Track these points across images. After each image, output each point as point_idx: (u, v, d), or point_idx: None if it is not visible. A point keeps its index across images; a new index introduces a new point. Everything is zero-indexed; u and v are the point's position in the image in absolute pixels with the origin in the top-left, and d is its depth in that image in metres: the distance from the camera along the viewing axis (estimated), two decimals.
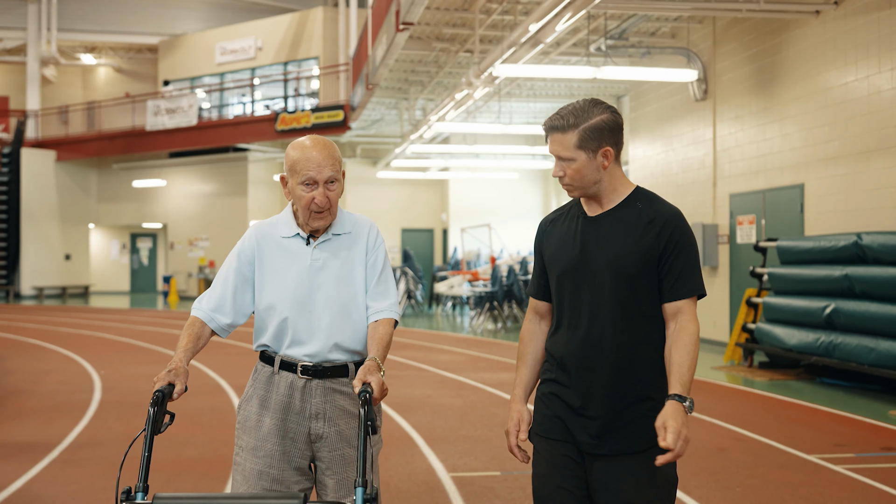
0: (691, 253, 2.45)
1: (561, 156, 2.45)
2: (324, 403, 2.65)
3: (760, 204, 11.72)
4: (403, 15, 11.83)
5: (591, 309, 2.45)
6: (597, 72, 11.55)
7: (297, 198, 2.64)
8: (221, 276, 2.74)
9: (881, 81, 9.38)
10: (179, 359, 2.50)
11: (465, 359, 11.23)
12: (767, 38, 11.50)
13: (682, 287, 2.43)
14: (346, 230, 2.75)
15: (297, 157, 2.61)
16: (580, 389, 2.45)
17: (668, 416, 2.32)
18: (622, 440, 2.41)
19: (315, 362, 2.65)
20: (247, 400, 2.72)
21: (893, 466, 5.63)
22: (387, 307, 2.72)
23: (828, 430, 6.82)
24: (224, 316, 2.69)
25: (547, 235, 2.62)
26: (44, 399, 8.16)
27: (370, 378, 2.42)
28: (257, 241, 2.74)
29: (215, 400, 8.04)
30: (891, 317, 7.92)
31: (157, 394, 2.34)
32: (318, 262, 2.69)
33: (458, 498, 4.85)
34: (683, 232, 2.46)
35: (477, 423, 6.98)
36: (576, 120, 2.41)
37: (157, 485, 5.07)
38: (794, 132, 10.99)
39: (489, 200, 24.34)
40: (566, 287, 2.51)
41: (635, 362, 2.43)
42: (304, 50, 26.41)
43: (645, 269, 2.42)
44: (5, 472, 5.36)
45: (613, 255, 2.43)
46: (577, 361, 2.46)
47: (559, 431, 2.50)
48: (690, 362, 2.38)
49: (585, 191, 2.49)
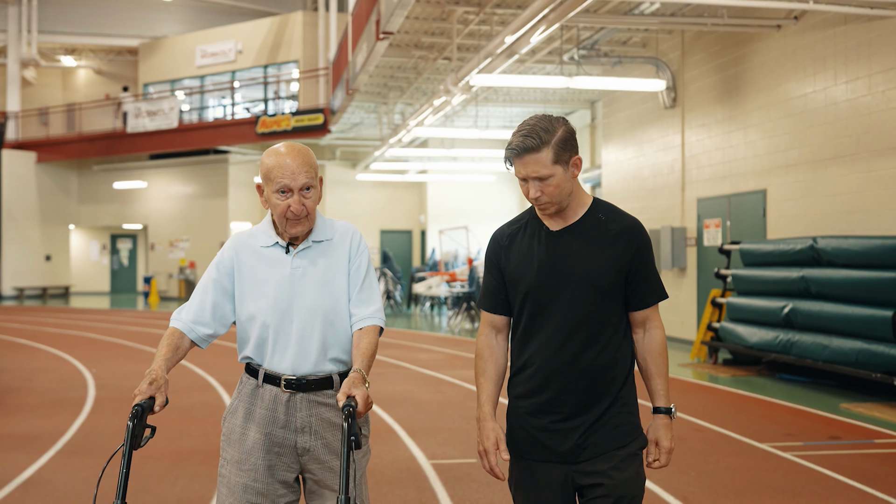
0: (653, 261, 2.58)
1: (539, 175, 2.44)
2: (309, 417, 2.62)
3: (726, 208, 12.26)
4: (384, 24, 12.26)
5: (565, 323, 2.48)
6: (570, 81, 12.04)
7: (272, 206, 2.62)
8: (201, 287, 2.71)
9: (837, 93, 9.92)
10: (159, 367, 2.48)
11: (443, 357, 11.67)
12: (732, 49, 12.04)
13: (651, 295, 2.55)
14: (326, 237, 2.72)
15: (272, 164, 2.59)
16: (559, 402, 2.50)
17: (661, 432, 2.55)
18: (602, 442, 2.48)
19: (299, 375, 2.62)
20: (232, 412, 2.69)
21: (837, 454, 6.13)
22: (371, 314, 2.69)
23: (781, 421, 7.32)
24: (204, 327, 2.66)
25: (505, 251, 2.61)
26: (41, 395, 8.53)
27: (354, 391, 2.40)
28: (236, 252, 2.71)
29: (205, 396, 8.44)
30: (843, 316, 8.44)
31: (137, 408, 2.31)
32: (299, 271, 2.66)
33: (437, 482, 5.30)
34: (646, 242, 2.55)
35: (455, 416, 7.43)
36: (547, 136, 2.42)
37: (160, 472, 5.48)
38: (757, 140, 11.53)
39: (466, 202, 24.82)
40: (535, 303, 2.52)
41: (608, 370, 2.50)
42: (284, 53, 26.75)
43: (614, 282, 2.49)
44: (16, 462, 5.75)
45: (586, 268, 2.48)
46: (553, 375, 2.49)
47: (541, 452, 2.53)
48: (666, 370, 2.57)
49: (562, 206, 2.50)
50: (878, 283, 7.99)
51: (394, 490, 5.11)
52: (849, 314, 8.33)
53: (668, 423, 2.55)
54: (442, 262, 22.42)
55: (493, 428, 2.54)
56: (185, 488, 5.16)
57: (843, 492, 5.12)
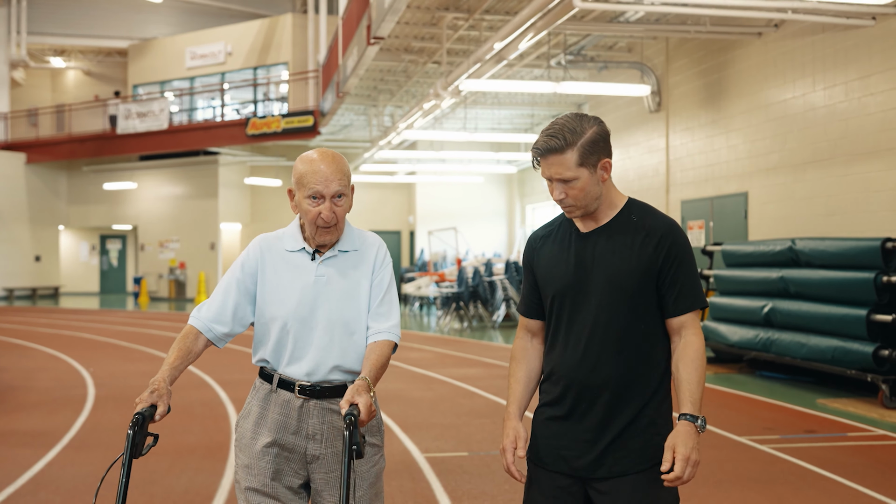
0: (690, 265, 2.41)
1: (563, 177, 2.35)
2: (321, 424, 2.61)
3: (709, 210, 12.57)
4: (375, 30, 12.51)
5: (589, 329, 2.39)
6: (557, 86, 12.33)
7: (303, 212, 2.60)
8: (223, 286, 2.70)
9: (815, 99, 10.24)
10: (163, 377, 2.45)
11: (434, 356, 11.93)
12: (716, 55, 12.35)
13: (685, 301, 2.39)
14: (353, 247, 2.70)
15: (305, 170, 2.57)
16: (579, 412, 2.40)
17: (679, 439, 2.28)
18: (622, 461, 2.36)
19: (313, 381, 2.61)
20: (244, 416, 2.70)
21: (812, 446, 6.43)
22: (387, 329, 2.66)
23: (760, 416, 7.62)
24: (222, 326, 2.65)
25: (538, 253, 2.55)
26: (42, 394, 8.74)
27: (358, 399, 2.38)
28: (261, 253, 2.70)
29: (203, 394, 8.67)
30: (820, 315, 8.75)
31: (138, 416, 2.30)
32: (323, 279, 2.64)
33: (431, 474, 5.56)
34: (681, 244, 2.40)
35: (446, 412, 7.70)
36: (573, 138, 2.32)
37: (165, 466, 5.72)
38: (739, 144, 11.84)
39: (455, 203, 25.10)
40: (562, 307, 2.45)
41: (634, 382, 2.37)
42: (274, 55, 26.96)
43: (643, 286, 2.37)
44: (24, 457, 5.97)
45: (610, 272, 2.38)
46: (575, 384, 2.40)
47: (556, 462, 2.44)
48: (699, 378, 2.34)
49: (588, 209, 2.41)
50: (853, 283, 8.30)
51: (390, 481, 5.36)
52: (825, 313, 8.64)
53: (689, 431, 2.28)
54: (431, 262, 22.68)
55: (514, 427, 2.48)
56: (191, 480, 5.41)
57: (815, 482, 5.41)
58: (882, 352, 7.89)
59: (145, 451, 2.31)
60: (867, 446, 6.45)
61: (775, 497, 5.02)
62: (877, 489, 5.19)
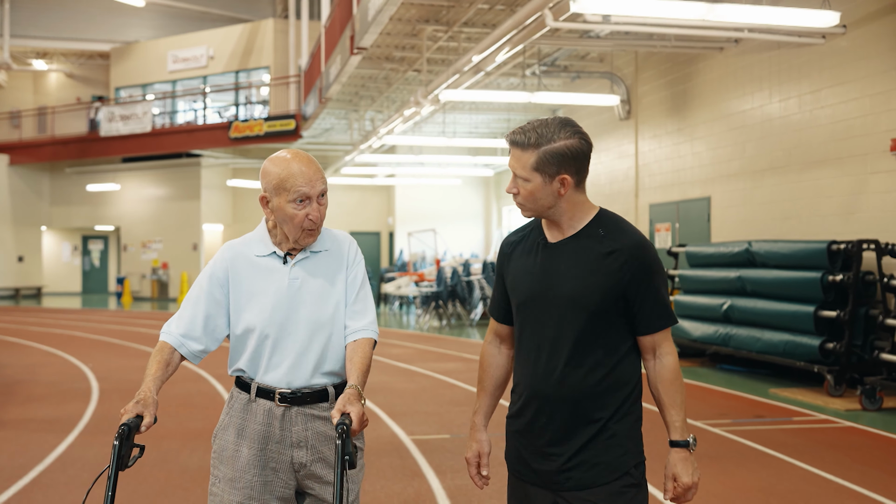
0: (659, 283, 2.36)
1: (517, 173, 2.32)
2: (305, 431, 2.55)
3: (675, 213, 13.30)
4: (358, 40, 13.11)
5: (550, 342, 2.35)
6: (531, 96, 13.02)
7: (287, 217, 2.50)
8: (192, 299, 2.59)
9: (772, 110, 10.98)
10: (148, 388, 2.38)
11: (414, 352, 12.57)
12: (681, 67, 13.08)
13: (657, 320, 2.35)
14: (324, 247, 2.64)
15: (284, 173, 2.48)
16: (539, 425, 2.38)
17: (679, 468, 2.34)
18: (587, 473, 2.33)
19: (294, 388, 2.55)
20: (223, 429, 2.61)
21: (760, 429, 7.13)
22: (365, 326, 2.62)
23: (716, 404, 8.33)
24: (195, 342, 2.56)
25: (508, 259, 2.52)
26: (48, 387, 9.29)
27: (350, 408, 2.33)
28: (231, 262, 2.61)
29: (200, 386, 9.26)
30: (773, 312, 9.47)
31: (123, 428, 2.25)
32: (297, 282, 2.57)
33: (417, 453, 6.20)
34: (648, 263, 2.33)
35: (429, 401, 8.34)
36: (538, 140, 2.27)
37: (176, 447, 6.32)
38: (702, 151, 12.58)
39: (433, 205, 25.77)
40: (525, 317, 2.42)
41: (596, 396, 2.33)
42: (255, 59, 27.48)
43: (605, 304, 2.31)
44: (47, 441, 6.56)
45: (572, 287, 2.32)
46: (537, 396, 2.37)
47: (527, 472, 2.43)
48: (682, 400, 2.37)
49: (537, 213, 2.38)
50: (802, 282, 9.03)
51: (381, 459, 6.00)
52: (778, 310, 9.37)
53: (686, 457, 2.36)
54: (410, 262, 23.32)
55: (478, 440, 2.51)
56: (203, 458, 6.01)
57: (757, 458, 6.10)
58: (827, 345, 8.63)
59: (131, 463, 2.25)
60: (809, 429, 7.16)
61: (720, 469, 5.71)
62: (811, 463, 5.89)
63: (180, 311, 2.60)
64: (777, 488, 5.32)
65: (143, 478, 5.47)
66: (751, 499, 5.09)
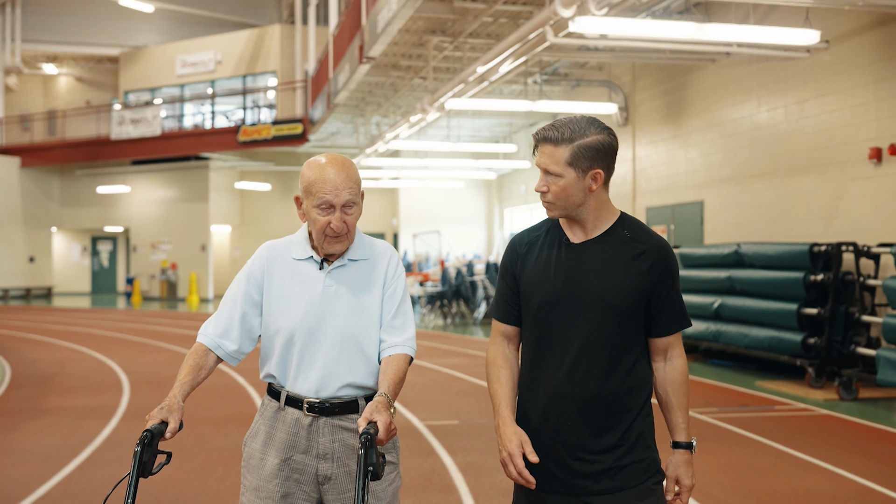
0: (678, 286, 2.40)
1: (549, 169, 2.30)
2: (332, 443, 2.49)
3: (670, 216, 13.94)
4: (367, 51, 13.74)
5: (578, 344, 2.31)
6: (533, 105, 13.66)
7: (311, 221, 2.48)
8: (229, 298, 2.58)
9: (761, 119, 11.61)
10: (174, 394, 2.35)
11: (421, 348, 13.20)
12: (677, 76, 13.72)
13: (675, 322, 2.38)
14: (363, 256, 2.59)
15: (313, 177, 2.45)
16: (563, 430, 2.33)
17: (681, 469, 2.39)
18: (617, 477, 2.31)
19: (322, 398, 2.49)
20: (252, 436, 2.58)
21: (743, 416, 7.76)
22: (402, 342, 2.54)
23: (705, 395, 8.95)
24: (231, 342, 2.53)
25: (522, 259, 2.45)
26: (80, 379, 9.93)
27: (377, 417, 2.24)
28: (268, 262, 2.58)
29: (224, 378, 9.88)
30: (760, 309, 10.10)
31: (146, 434, 2.20)
32: (332, 289, 2.52)
33: (431, 436, 6.84)
34: (672, 266, 2.37)
35: (438, 392, 8.98)
36: (571, 134, 2.27)
37: (210, 431, 6.95)
38: (696, 157, 13.21)
39: (437, 207, 26.41)
40: (548, 319, 2.36)
41: (621, 398, 2.32)
42: (262, 64, 28.13)
43: (635, 304, 2.32)
44: (91, 426, 7.19)
45: (603, 287, 2.31)
46: (559, 399, 2.33)
47: (548, 481, 2.34)
48: (687, 402, 2.42)
49: (566, 212, 2.35)
50: (786, 281, 9.66)
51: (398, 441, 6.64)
52: (764, 308, 9.99)
53: (688, 459, 2.41)
54: (415, 263, 23.98)
55: (515, 431, 2.30)
56: (236, 440, 6.64)
57: (738, 440, 6.73)
58: (809, 340, 9.26)
59: (156, 470, 2.20)
60: (788, 416, 7.80)
61: (702, 449, 6.33)
62: (786, 444, 6.53)
63: (218, 311, 2.60)
64: (752, 464, 5.95)
65: (185, 457, 6.10)
66: (728, 472, 5.73)
